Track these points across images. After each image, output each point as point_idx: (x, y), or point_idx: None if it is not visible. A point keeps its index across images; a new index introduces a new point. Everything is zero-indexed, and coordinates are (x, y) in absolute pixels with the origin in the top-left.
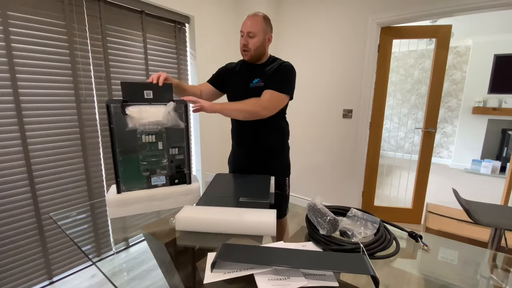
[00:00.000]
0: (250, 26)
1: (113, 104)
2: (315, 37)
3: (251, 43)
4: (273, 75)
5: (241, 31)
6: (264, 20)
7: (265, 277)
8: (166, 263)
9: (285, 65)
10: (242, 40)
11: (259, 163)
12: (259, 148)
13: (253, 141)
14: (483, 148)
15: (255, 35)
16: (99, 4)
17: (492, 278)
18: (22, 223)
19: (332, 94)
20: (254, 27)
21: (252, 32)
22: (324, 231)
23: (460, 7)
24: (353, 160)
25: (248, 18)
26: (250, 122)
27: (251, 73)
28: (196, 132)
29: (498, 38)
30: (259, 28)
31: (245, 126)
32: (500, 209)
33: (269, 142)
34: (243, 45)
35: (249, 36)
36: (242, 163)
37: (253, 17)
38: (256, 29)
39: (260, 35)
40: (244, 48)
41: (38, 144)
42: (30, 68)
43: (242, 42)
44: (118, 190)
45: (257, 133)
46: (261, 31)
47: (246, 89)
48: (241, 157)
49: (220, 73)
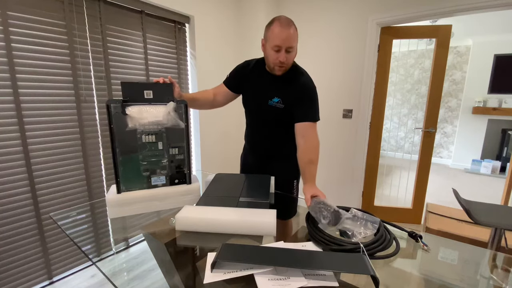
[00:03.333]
0: (290, 41)
1: (113, 104)
2: (315, 37)
3: (290, 58)
4: (300, 101)
5: (276, 45)
6: (296, 29)
7: (265, 277)
8: (166, 263)
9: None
10: (279, 56)
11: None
12: (272, 154)
13: (268, 148)
14: (483, 148)
15: (293, 49)
16: (99, 4)
17: (492, 278)
18: (22, 223)
19: (332, 94)
20: (293, 41)
21: (292, 47)
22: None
23: (460, 7)
24: (353, 160)
25: (284, 31)
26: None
27: (270, 87)
28: (196, 132)
29: (498, 38)
30: (296, 39)
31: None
32: (500, 209)
33: (283, 149)
34: (281, 62)
35: (287, 51)
36: (253, 164)
37: (289, 30)
38: (295, 43)
39: (296, 48)
40: (282, 64)
41: (38, 144)
42: (30, 68)
43: (279, 58)
44: (118, 190)
45: (273, 142)
46: (297, 42)
47: (265, 107)
48: (252, 159)
49: (236, 77)
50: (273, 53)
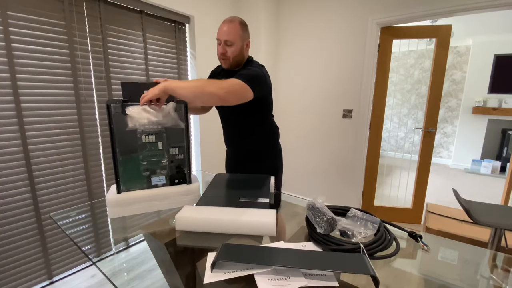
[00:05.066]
0: (227, 34)
1: (113, 104)
2: (315, 37)
3: (229, 51)
4: None
5: (217, 38)
6: (241, 26)
7: (265, 277)
8: (166, 263)
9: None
10: (220, 49)
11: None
12: (246, 151)
13: (241, 144)
14: (483, 148)
15: (232, 43)
16: (99, 4)
17: (492, 278)
18: (22, 223)
19: (332, 94)
20: (231, 35)
21: (229, 40)
22: (321, 230)
23: (460, 7)
24: (353, 160)
25: (224, 25)
26: (238, 126)
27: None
28: (196, 132)
29: (498, 38)
30: (236, 35)
31: (233, 130)
32: (500, 209)
33: (256, 146)
34: (221, 54)
35: (226, 44)
36: (232, 164)
37: (229, 24)
38: (233, 37)
39: (238, 42)
40: (223, 56)
41: (38, 144)
42: (30, 68)
43: (220, 50)
44: (118, 190)
45: (244, 137)
46: (239, 38)
47: None
48: (231, 159)
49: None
50: (218, 46)
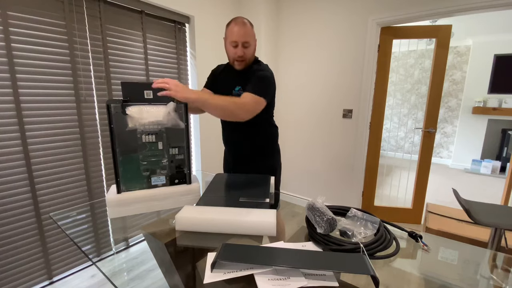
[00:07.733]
0: (245, 36)
1: (113, 104)
2: (315, 37)
3: (248, 53)
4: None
5: (234, 41)
6: (252, 26)
7: (265, 277)
8: (166, 263)
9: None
10: (237, 51)
11: (245, 165)
12: (244, 151)
13: (240, 144)
14: (483, 148)
15: (250, 44)
16: (99, 4)
17: (492, 278)
18: (22, 223)
19: (332, 94)
20: (248, 36)
21: (248, 42)
22: (321, 230)
23: (460, 7)
24: (353, 160)
25: (238, 27)
26: (238, 126)
27: (233, 80)
28: (196, 132)
29: (498, 38)
30: (252, 36)
31: (233, 129)
32: (500, 209)
33: (255, 145)
34: (239, 56)
35: (244, 46)
36: (230, 164)
37: (244, 26)
38: (250, 38)
39: (253, 43)
40: (241, 58)
41: (38, 144)
42: (30, 68)
43: (237, 53)
44: (118, 190)
45: (244, 136)
46: (253, 39)
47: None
48: (229, 158)
49: (211, 78)
50: (231, 48)
